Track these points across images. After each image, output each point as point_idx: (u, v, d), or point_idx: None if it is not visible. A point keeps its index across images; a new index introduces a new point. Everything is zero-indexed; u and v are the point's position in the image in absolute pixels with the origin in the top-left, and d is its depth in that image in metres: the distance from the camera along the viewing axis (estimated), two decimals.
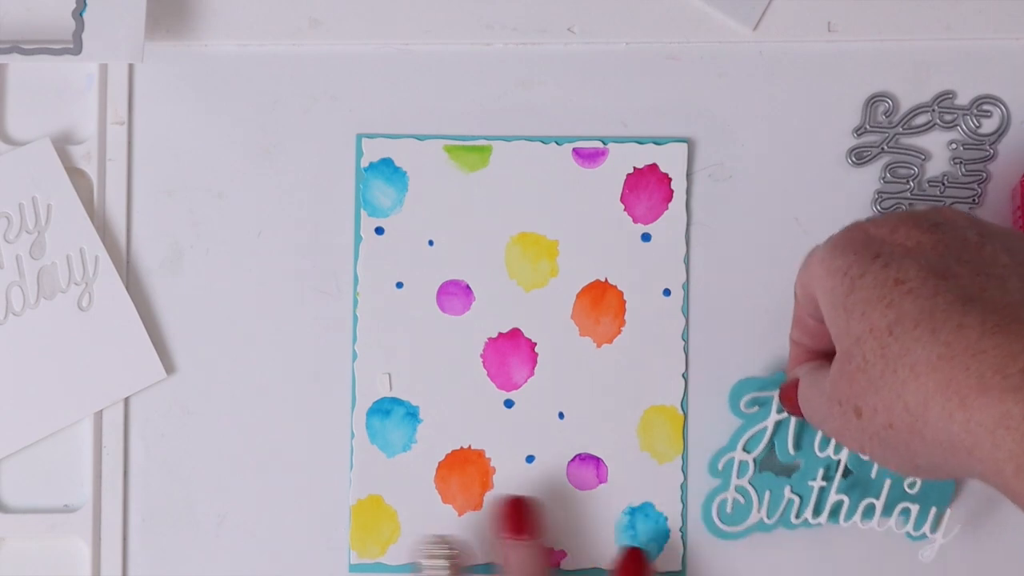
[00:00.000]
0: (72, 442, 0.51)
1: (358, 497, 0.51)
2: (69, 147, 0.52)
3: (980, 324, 0.36)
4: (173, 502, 0.51)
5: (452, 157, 0.52)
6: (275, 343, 0.52)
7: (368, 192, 0.52)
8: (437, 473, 0.51)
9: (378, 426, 0.51)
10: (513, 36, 0.53)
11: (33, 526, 0.51)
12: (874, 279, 0.39)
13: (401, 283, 0.52)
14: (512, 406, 0.51)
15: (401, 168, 0.52)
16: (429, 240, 0.52)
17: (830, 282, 0.40)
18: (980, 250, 0.39)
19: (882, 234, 0.40)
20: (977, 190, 0.52)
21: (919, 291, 0.37)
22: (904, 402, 0.37)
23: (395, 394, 0.51)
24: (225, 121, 0.52)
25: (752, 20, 0.52)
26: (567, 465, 0.51)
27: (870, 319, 0.38)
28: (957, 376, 0.35)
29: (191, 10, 0.53)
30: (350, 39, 0.53)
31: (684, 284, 0.51)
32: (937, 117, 0.52)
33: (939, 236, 0.39)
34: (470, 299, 0.52)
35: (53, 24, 0.51)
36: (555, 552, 0.51)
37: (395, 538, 0.51)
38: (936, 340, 0.36)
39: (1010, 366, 0.34)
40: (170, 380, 0.51)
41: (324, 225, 0.52)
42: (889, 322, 0.37)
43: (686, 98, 0.52)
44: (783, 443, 0.50)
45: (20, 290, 0.51)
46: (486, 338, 0.52)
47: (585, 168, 0.52)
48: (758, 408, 0.50)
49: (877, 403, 0.38)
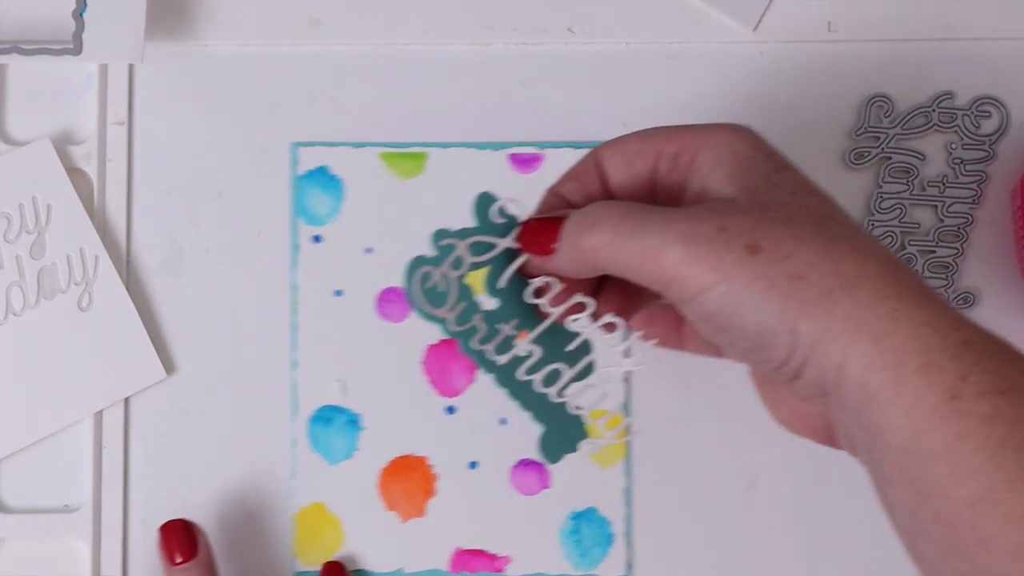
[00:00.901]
0: (72, 442, 0.51)
1: (301, 505, 0.51)
2: (69, 147, 0.52)
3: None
4: (173, 502, 0.51)
5: (388, 164, 0.52)
6: (275, 343, 0.52)
7: (305, 201, 0.52)
8: (380, 480, 0.51)
9: (320, 434, 0.51)
10: (513, 36, 0.53)
11: (33, 526, 0.51)
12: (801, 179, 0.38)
13: (340, 291, 0.52)
14: (454, 412, 0.51)
15: (337, 176, 0.52)
16: (367, 248, 0.52)
17: (748, 163, 0.38)
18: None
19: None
20: (976, 191, 0.52)
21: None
22: (835, 267, 0.34)
23: (343, 402, 0.51)
24: (225, 121, 0.52)
25: (752, 20, 0.52)
26: (510, 470, 0.51)
27: (807, 198, 0.37)
28: (909, 288, 0.34)
29: (191, 10, 0.53)
30: (350, 39, 0.53)
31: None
32: (936, 118, 0.52)
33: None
34: (409, 306, 0.52)
35: (53, 24, 0.51)
36: (499, 558, 0.51)
37: (339, 546, 0.51)
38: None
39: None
40: (170, 380, 0.51)
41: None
42: (829, 211, 0.37)
43: (686, 98, 0.52)
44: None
45: (20, 290, 0.51)
46: (426, 345, 0.51)
47: (521, 174, 0.52)
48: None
49: (792, 251, 0.35)
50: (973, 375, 0.32)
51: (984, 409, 0.31)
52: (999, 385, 0.31)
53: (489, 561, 0.50)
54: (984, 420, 0.31)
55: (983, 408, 0.31)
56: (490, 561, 0.51)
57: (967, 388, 0.31)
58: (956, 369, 0.32)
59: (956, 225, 0.52)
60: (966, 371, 0.32)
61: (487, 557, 0.50)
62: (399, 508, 0.51)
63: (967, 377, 0.32)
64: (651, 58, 0.53)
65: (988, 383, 0.31)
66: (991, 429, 0.31)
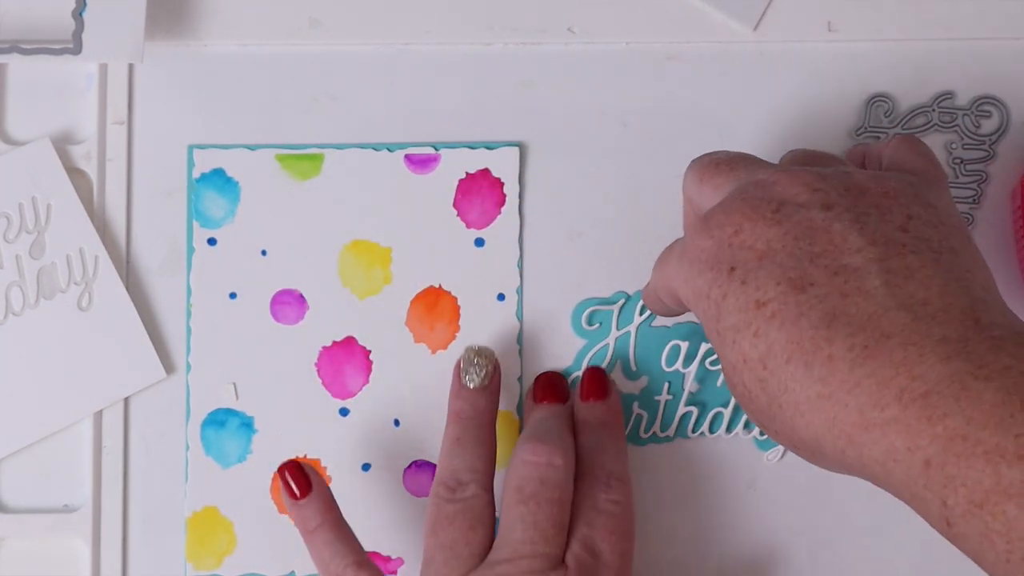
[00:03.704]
0: (72, 442, 0.51)
1: (193, 509, 0.51)
2: (69, 147, 0.52)
3: (848, 351, 0.35)
4: (173, 502, 0.51)
5: (284, 166, 0.52)
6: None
7: (200, 203, 0.52)
8: (273, 484, 0.51)
9: (213, 437, 0.51)
10: (513, 36, 0.53)
11: (33, 526, 0.51)
12: (737, 301, 0.37)
13: (234, 293, 0.51)
14: (347, 414, 0.51)
15: (233, 178, 0.52)
16: (262, 250, 0.52)
17: (699, 306, 0.39)
18: (829, 233, 0.37)
19: (728, 237, 0.39)
20: (977, 191, 0.52)
21: (782, 314, 0.36)
22: (799, 435, 0.37)
23: (235, 405, 0.51)
24: (225, 121, 0.52)
25: (752, 20, 0.52)
26: (403, 472, 0.51)
27: (742, 349, 0.37)
28: (839, 415, 0.35)
29: (191, 10, 0.53)
30: (350, 39, 0.53)
31: (518, 288, 0.51)
32: (936, 118, 0.52)
33: (784, 228, 0.38)
34: (304, 308, 0.51)
35: (53, 24, 0.51)
36: (392, 560, 0.50)
37: (231, 549, 0.50)
38: (811, 376, 0.35)
39: (885, 396, 0.34)
40: (170, 380, 0.51)
41: None
42: (761, 354, 0.37)
43: (686, 98, 0.52)
44: (626, 360, 0.51)
45: (20, 290, 0.51)
46: (320, 346, 0.51)
47: (417, 174, 0.52)
48: (599, 325, 0.51)
49: (774, 429, 0.38)
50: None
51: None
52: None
53: (382, 563, 0.50)
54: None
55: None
56: (383, 563, 0.50)
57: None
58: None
59: None
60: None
61: (380, 559, 0.50)
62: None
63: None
64: (651, 58, 0.53)
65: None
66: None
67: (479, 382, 0.49)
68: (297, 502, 0.47)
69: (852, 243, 0.37)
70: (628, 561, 0.46)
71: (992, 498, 0.31)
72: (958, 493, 0.32)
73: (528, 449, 0.46)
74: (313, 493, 0.47)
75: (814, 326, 0.35)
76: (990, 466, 0.31)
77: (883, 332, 0.35)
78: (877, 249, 0.36)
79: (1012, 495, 0.31)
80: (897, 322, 0.35)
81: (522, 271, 0.52)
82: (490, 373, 0.49)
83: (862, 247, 0.37)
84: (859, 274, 0.36)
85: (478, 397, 0.49)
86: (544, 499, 0.45)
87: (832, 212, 0.38)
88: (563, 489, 0.45)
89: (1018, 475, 0.31)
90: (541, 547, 0.44)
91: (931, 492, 0.33)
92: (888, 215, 0.38)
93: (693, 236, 0.40)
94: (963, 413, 0.32)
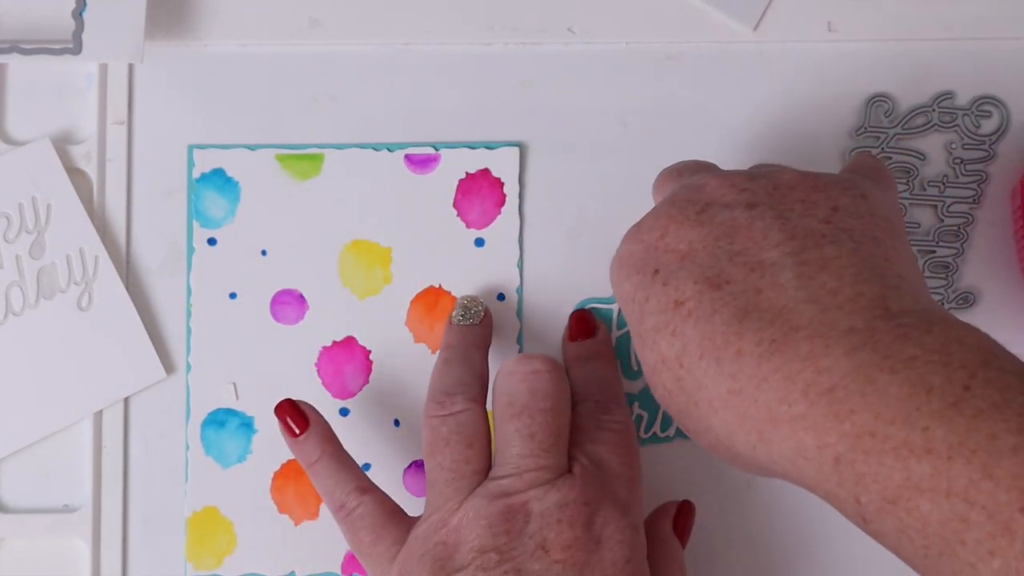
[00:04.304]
0: (72, 442, 0.51)
1: (193, 509, 0.51)
2: (69, 147, 0.52)
3: (756, 346, 0.35)
4: (173, 502, 0.51)
5: (284, 166, 0.52)
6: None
7: (200, 203, 0.52)
8: (273, 483, 0.51)
9: (213, 437, 0.51)
10: (513, 36, 0.53)
11: (33, 526, 0.51)
12: (658, 303, 0.38)
13: (234, 293, 0.51)
14: (347, 414, 0.51)
15: (233, 178, 0.52)
16: (262, 250, 0.52)
17: (626, 309, 0.40)
18: (750, 229, 0.37)
19: (655, 240, 0.39)
20: (977, 191, 0.52)
21: (697, 312, 0.36)
22: (714, 434, 0.37)
23: (235, 405, 0.51)
24: (225, 121, 0.52)
25: (752, 20, 0.52)
26: (403, 472, 0.51)
27: (660, 349, 0.38)
28: (749, 410, 0.35)
29: (191, 10, 0.53)
30: (350, 39, 0.53)
31: (518, 288, 0.51)
32: (936, 117, 0.52)
33: (707, 229, 0.38)
34: (304, 308, 0.51)
35: (53, 24, 0.51)
36: None
37: (231, 549, 0.50)
38: (722, 372, 0.35)
39: (792, 392, 0.34)
40: (170, 380, 0.51)
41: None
42: (677, 352, 0.37)
43: (686, 98, 0.52)
44: (626, 361, 0.51)
45: (20, 290, 0.51)
46: (320, 347, 0.51)
47: (417, 174, 0.52)
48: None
49: (691, 428, 0.38)
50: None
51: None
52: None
53: None
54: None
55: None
56: None
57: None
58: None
59: (956, 225, 0.52)
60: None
61: None
62: (292, 511, 0.51)
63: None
64: (651, 58, 0.53)
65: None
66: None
67: (470, 321, 0.49)
68: (296, 439, 0.47)
69: (772, 239, 0.37)
70: (637, 472, 0.45)
71: (904, 494, 0.31)
72: (870, 490, 0.32)
73: (511, 363, 0.45)
74: (311, 427, 0.47)
75: (726, 322, 0.36)
76: (899, 462, 0.31)
77: (792, 325, 0.35)
78: (795, 243, 0.37)
79: (924, 490, 0.31)
80: (805, 315, 0.35)
81: (522, 271, 0.52)
82: (480, 313, 0.49)
83: (780, 242, 0.37)
84: (774, 268, 0.36)
85: (468, 329, 0.49)
86: (537, 409, 0.44)
87: (756, 210, 0.38)
88: (555, 397, 0.44)
89: (927, 469, 0.31)
90: (543, 459, 0.43)
91: (844, 490, 0.33)
92: (813, 208, 0.38)
93: (625, 242, 0.41)
94: (870, 409, 0.32)
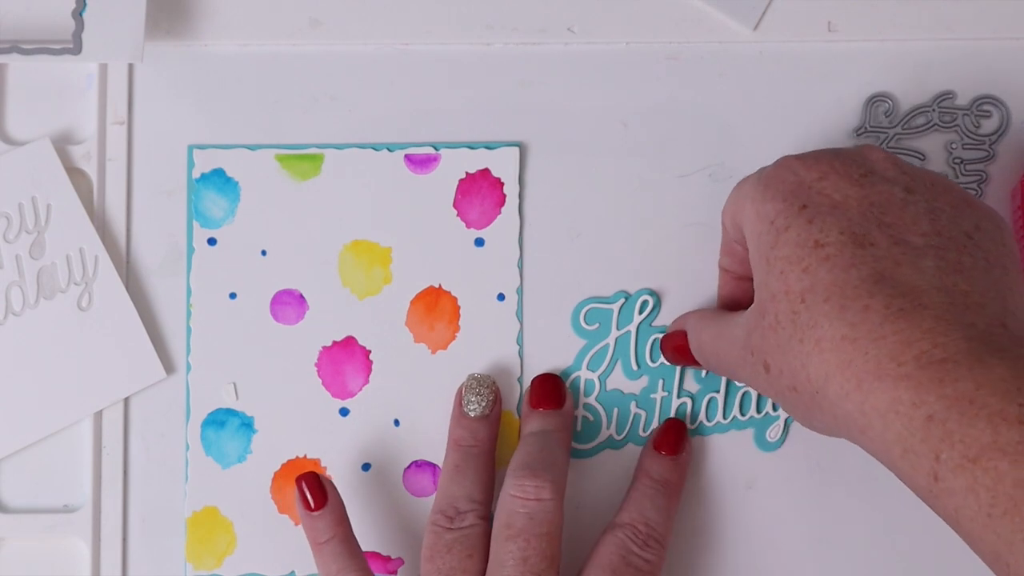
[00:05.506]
0: (72, 442, 0.51)
1: (193, 509, 0.51)
2: (69, 147, 0.52)
3: (884, 307, 0.37)
4: (173, 502, 0.51)
5: (284, 166, 0.52)
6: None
7: (200, 203, 0.52)
8: (273, 483, 0.51)
9: (213, 437, 0.51)
10: (513, 36, 0.53)
11: (33, 526, 0.51)
12: (797, 235, 0.39)
13: (234, 293, 0.51)
14: (347, 414, 0.51)
15: (233, 178, 0.52)
16: (262, 250, 0.52)
17: (758, 226, 0.41)
18: (903, 210, 0.40)
19: (811, 179, 0.41)
20: (977, 191, 0.52)
21: (836, 259, 0.38)
22: (808, 372, 0.38)
23: (235, 405, 0.51)
24: (225, 121, 0.52)
25: (752, 20, 0.52)
26: (403, 472, 0.51)
27: (787, 280, 0.39)
28: (857, 359, 0.37)
29: (191, 10, 0.53)
30: (350, 39, 0.53)
31: (518, 288, 0.51)
32: (937, 117, 0.52)
33: (866, 191, 0.40)
34: (304, 308, 0.51)
35: (53, 24, 0.51)
36: (391, 560, 0.50)
37: (231, 549, 0.50)
38: (843, 319, 0.37)
39: (905, 353, 0.36)
40: (170, 380, 0.51)
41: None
42: (803, 288, 0.39)
43: (686, 98, 0.52)
44: (626, 360, 0.51)
45: (20, 290, 0.51)
46: (320, 347, 0.51)
47: (417, 174, 0.52)
48: (599, 325, 0.51)
49: (784, 365, 0.40)
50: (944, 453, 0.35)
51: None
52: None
53: (382, 563, 0.50)
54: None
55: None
56: (383, 563, 0.50)
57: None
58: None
59: None
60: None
61: (380, 559, 0.50)
62: (292, 511, 0.51)
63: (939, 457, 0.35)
64: (651, 58, 0.53)
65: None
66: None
67: (480, 411, 0.49)
68: (311, 513, 0.47)
69: (920, 227, 0.39)
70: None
71: (987, 453, 0.33)
72: (954, 448, 0.34)
73: (516, 484, 0.46)
74: (328, 506, 0.47)
75: (862, 278, 0.38)
76: (991, 426, 0.33)
77: (921, 303, 0.37)
78: (940, 239, 0.39)
79: (1007, 452, 0.33)
80: (935, 299, 0.37)
81: (522, 271, 0.52)
82: (491, 403, 0.49)
83: (927, 233, 0.39)
84: (917, 252, 0.38)
85: (478, 426, 0.49)
86: (533, 534, 0.45)
87: (912, 196, 0.40)
88: (552, 522, 0.45)
89: (1016, 436, 0.33)
90: None
91: (927, 446, 0.34)
92: (960, 219, 0.40)
93: (778, 167, 0.42)
94: (974, 379, 0.34)
